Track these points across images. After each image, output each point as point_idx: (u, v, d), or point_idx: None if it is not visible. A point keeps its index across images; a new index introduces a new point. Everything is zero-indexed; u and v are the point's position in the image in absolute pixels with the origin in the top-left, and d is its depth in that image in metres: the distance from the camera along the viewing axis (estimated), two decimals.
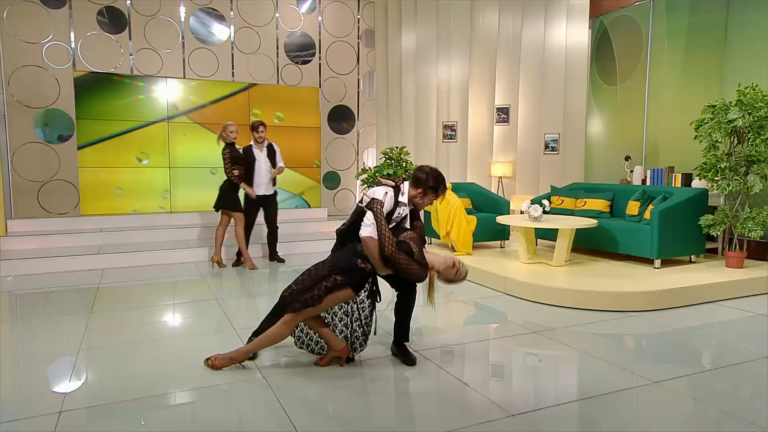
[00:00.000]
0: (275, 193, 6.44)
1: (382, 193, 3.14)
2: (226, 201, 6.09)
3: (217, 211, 6.21)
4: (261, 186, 6.23)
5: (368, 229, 3.01)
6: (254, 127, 6.21)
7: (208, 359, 3.19)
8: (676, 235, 5.42)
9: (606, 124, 7.82)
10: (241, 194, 6.22)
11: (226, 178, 6.04)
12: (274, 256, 6.61)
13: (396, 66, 8.97)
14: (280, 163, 6.37)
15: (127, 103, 7.85)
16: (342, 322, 3.28)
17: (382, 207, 3.05)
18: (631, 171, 7.07)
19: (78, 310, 4.59)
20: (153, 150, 8.01)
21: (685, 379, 3.05)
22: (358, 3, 9.41)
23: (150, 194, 8.08)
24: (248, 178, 6.15)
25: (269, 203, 6.36)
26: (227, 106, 8.32)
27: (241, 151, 6.14)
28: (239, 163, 6.02)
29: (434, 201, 3.30)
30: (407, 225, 3.25)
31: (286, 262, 6.55)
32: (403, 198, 3.20)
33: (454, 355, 3.50)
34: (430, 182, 3.15)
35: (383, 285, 3.32)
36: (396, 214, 3.18)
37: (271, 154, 6.30)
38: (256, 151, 6.22)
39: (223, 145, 6.06)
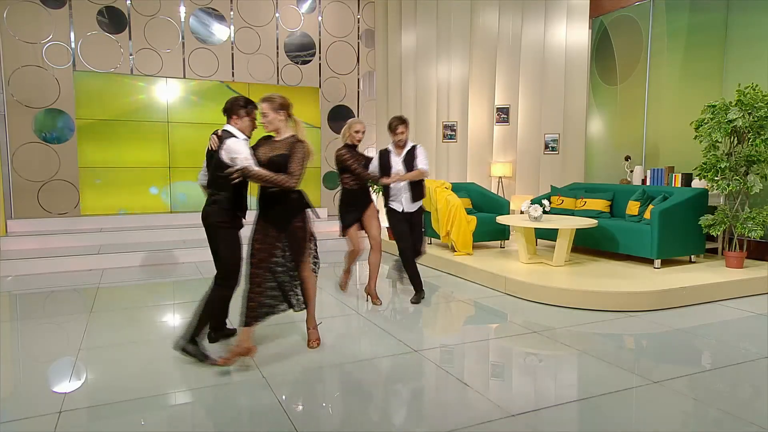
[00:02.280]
0: (420, 210, 4.78)
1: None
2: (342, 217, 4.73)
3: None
4: (398, 200, 4.67)
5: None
6: (391, 128, 4.68)
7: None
8: (676, 235, 5.42)
9: (606, 124, 7.82)
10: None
11: (341, 188, 4.68)
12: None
13: (396, 66, 8.97)
14: (421, 166, 4.60)
15: (127, 103, 7.87)
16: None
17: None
18: (631, 171, 7.07)
19: (78, 310, 4.59)
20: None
21: (685, 379, 3.05)
22: (358, 3, 9.41)
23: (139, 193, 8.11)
24: (385, 192, 4.76)
25: (412, 224, 4.77)
26: None
27: (375, 156, 4.80)
28: (348, 171, 4.54)
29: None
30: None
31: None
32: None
33: (454, 355, 3.50)
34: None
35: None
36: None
37: (410, 159, 4.63)
38: (393, 158, 4.66)
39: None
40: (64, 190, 7.67)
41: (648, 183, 6.68)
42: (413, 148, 4.71)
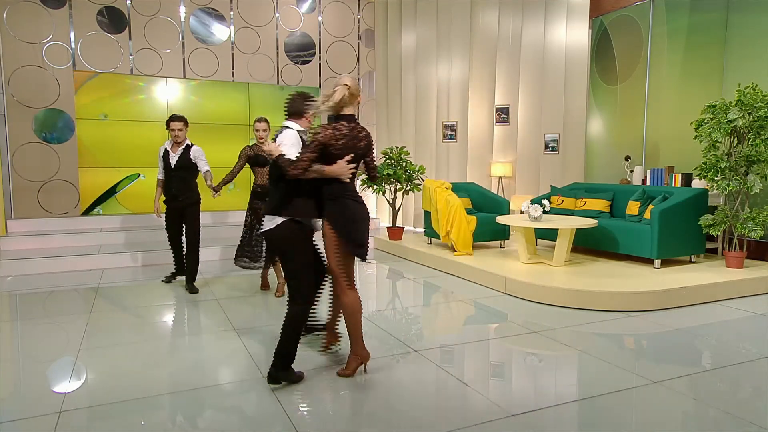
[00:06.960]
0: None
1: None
2: None
3: None
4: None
5: None
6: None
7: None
8: (676, 235, 5.42)
9: (606, 124, 7.82)
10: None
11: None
12: None
13: (396, 66, 8.97)
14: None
15: (127, 103, 7.87)
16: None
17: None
18: (631, 171, 7.07)
19: (78, 310, 4.59)
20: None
21: (685, 379, 3.05)
22: (358, 3, 9.41)
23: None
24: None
25: None
26: None
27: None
28: None
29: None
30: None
31: None
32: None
33: (454, 355, 3.50)
34: None
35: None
36: None
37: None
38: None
39: None
40: (64, 190, 7.67)
41: (648, 183, 6.68)
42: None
